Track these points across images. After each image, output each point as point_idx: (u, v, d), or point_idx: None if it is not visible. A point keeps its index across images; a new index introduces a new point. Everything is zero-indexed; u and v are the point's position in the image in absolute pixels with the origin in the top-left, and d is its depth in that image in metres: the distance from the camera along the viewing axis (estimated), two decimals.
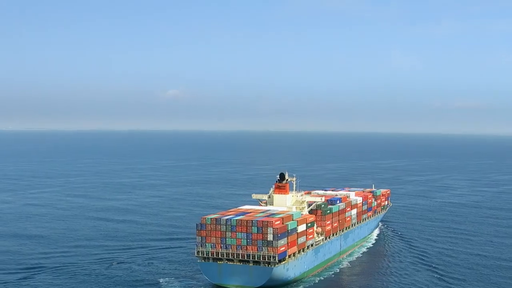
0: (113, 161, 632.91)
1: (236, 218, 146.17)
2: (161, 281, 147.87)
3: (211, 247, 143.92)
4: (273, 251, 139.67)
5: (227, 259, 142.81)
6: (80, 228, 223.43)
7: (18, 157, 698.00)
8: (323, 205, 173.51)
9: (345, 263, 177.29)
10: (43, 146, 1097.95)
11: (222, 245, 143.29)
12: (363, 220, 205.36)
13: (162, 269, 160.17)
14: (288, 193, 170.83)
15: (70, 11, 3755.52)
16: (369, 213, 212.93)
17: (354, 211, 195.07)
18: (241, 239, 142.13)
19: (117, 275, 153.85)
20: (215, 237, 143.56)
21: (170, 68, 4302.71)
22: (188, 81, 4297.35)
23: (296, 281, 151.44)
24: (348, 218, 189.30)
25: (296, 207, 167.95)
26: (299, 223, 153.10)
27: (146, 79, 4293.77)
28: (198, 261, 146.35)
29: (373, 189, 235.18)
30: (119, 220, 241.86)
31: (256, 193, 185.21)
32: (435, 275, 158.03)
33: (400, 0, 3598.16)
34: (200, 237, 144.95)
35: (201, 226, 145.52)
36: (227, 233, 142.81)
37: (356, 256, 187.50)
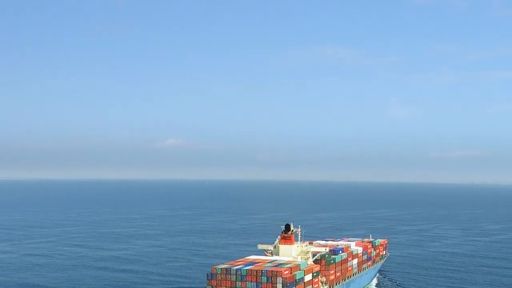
0: (108, 210, 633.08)
1: (246, 268, 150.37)
2: None
3: None
4: None
5: None
6: (82, 277, 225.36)
7: (11, 206, 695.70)
8: (327, 255, 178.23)
9: None
10: (38, 195, 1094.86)
11: None
12: (363, 270, 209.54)
13: None
14: (293, 244, 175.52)
15: (68, 61, 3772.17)
16: (369, 263, 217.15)
17: (355, 261, 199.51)
18: None
19: None
20: (226, 286, 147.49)
21: (170, 117, 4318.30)
22: (188, 130, 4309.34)
23: None
24: (350, 268, 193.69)
25: (301, 257, 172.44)
26: (305, 272, 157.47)
27: (146, 128, 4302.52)
28: None
29: (372, 239, 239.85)
30: (120, 270, 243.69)
31: (260, 243, 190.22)
32: None
33: (398, 49, 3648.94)
34: (210, 287, 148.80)
35: (211, 276, 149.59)
36: (237, 282, 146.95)
37: None
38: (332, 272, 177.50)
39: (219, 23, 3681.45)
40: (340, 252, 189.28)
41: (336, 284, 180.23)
